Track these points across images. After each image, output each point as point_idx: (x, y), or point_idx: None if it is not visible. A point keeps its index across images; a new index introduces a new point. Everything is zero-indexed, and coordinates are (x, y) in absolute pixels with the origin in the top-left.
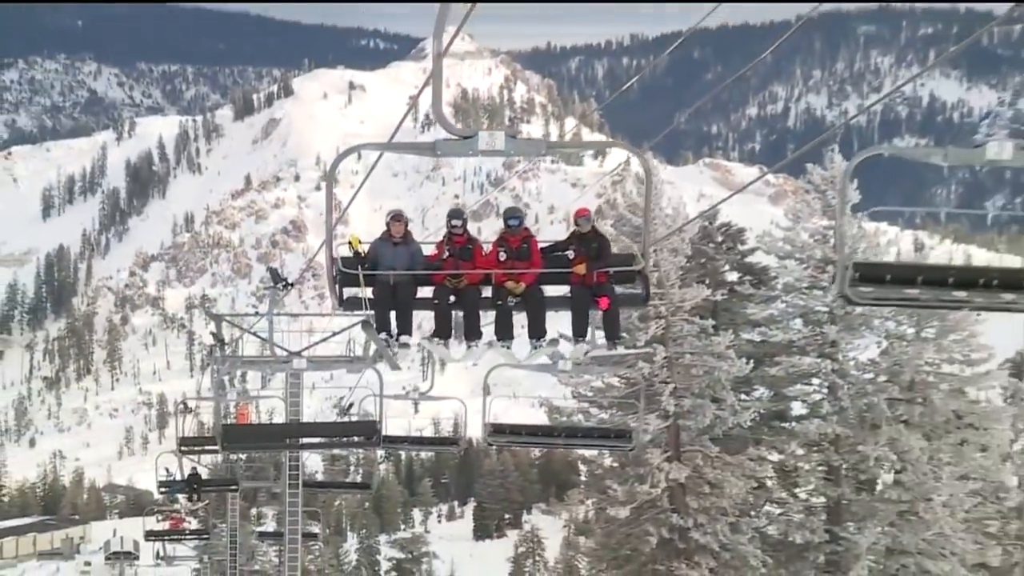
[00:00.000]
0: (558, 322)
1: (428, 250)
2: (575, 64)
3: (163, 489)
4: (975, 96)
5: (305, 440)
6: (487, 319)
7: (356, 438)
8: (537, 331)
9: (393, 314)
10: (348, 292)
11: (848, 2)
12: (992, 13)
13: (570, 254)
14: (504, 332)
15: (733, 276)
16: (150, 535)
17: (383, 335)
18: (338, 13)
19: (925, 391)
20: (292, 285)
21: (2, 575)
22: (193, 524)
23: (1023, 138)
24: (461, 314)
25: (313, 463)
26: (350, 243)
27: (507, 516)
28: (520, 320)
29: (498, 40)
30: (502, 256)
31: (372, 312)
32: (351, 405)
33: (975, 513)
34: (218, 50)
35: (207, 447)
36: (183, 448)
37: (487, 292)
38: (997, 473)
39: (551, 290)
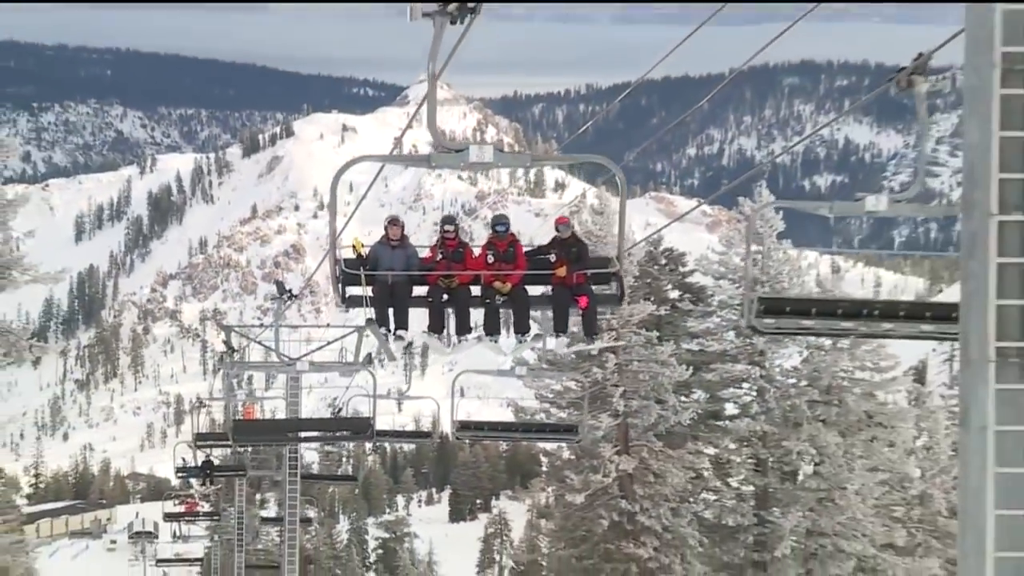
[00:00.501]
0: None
1: (423, 253)
2: (538, 110)
3: (180, 474)
4: (884, 139)
5: (309, 434)
6: (476, 316)
7: (352, 432)
8: (522, 327)
9: (391, 311)
10: (350, 291)
11: (839, 1)
12: (898, 67)
13: (552, 257)
14: (492, 328)
15: (675, 294)
16: (168, 517)
17: (382, 330)
18: (333, 64)
19: (840, 394)
20: (296, 296)
21: (38, 552)
22: (206, 507)
23: (927, 176)
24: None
25: (309, 456)
26: (353, 246)
27: (478, 501)
28: (499, 315)
29: (471, 89)
30: (490, 259)
31: (372, 309)
32: (340, 409)
33: (883, 500)
34: (228, 96)
35: (218, 442)
36: (198, 443)
37: (477, 291)
38: (902, 465)
39: (534, 290)
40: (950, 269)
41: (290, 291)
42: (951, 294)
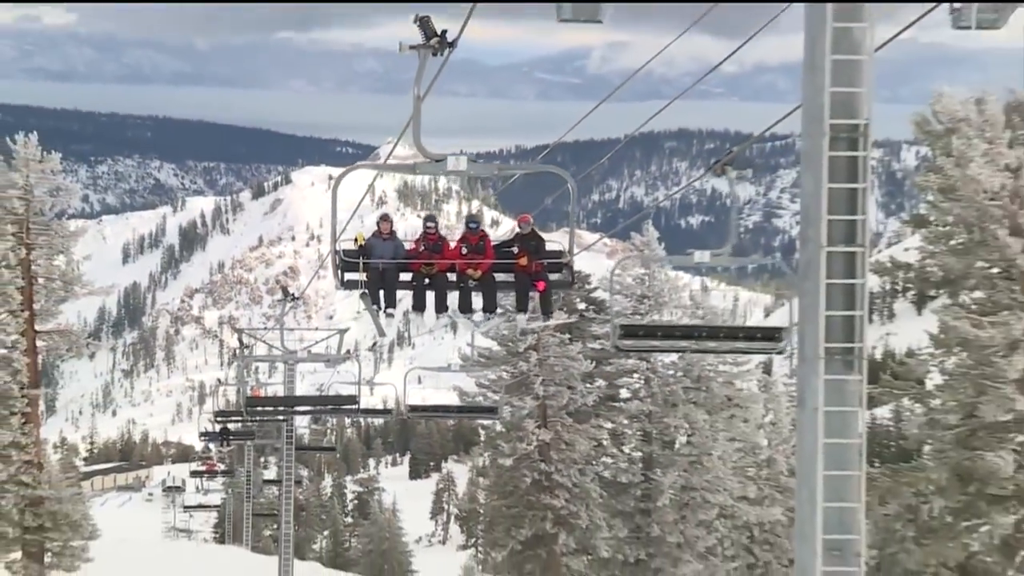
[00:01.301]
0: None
1: (409, 245)
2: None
3: (203, 437)
4: (741, 189)
5: (310, 407)
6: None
7: (338, 406)
8: (490, 307)
9: (382, 292)
10: (348, 276)
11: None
12: (753, 134)
13: (515, 249)
14: (465, 307)
15: (582, 306)
16: (193, 474)
17: (374, 307)
18: (321, 129)
19: (707, 382)
20: (297, 298)
21: (92, 502)
22: (222, 468)
23: (773, 217)
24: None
25: (300, 431)
26: (356, 239)
27: (432, 463)
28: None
29: (428, 148)
30: (464, 250)
31: (366, 290)
32: (324, 393)
33: (739, 463)
34: (241, 153)
35: (231, 417)
36: (217, 417)
37: (453, 277)
38: (754, 437)
39: (500, 276)
40: (790, 288)
41: (293, 295)
42: (792, 307)
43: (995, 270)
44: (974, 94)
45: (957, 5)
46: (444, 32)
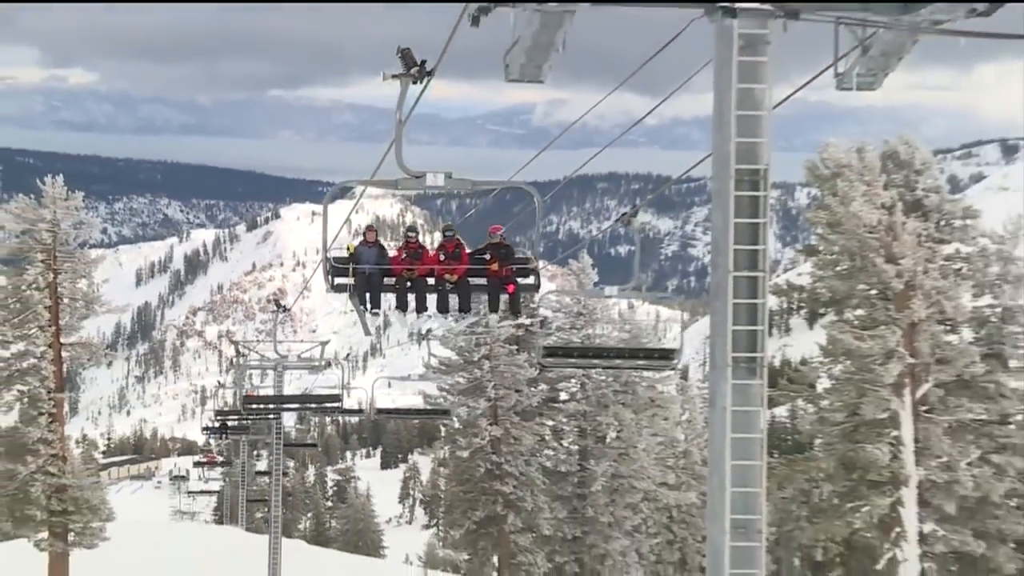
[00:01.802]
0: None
1: (392, 252)
2: (440, 202)
3: (205, 432)
4: (663, 223)
5: (299, 405)
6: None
7: (321, 404)
8: (465, 307)
9: (368, 295)
10: (337, 280)
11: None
12: (671, 177)
13: (487, 256)
14: (442, 308)
15: (527, 321)
16: (196, 465)
17: (361, 307)
18: (306, 172)
19: (634, 386)
20: (288, 310)
21: (108, 489)
22: (221, 459)
23: (688, 247)
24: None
25: (287, 428)
26: (347, 248)
27: (400, 455)
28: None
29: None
30: (441, 256)
31: (355, 292)
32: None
33: (661, 455)
34: (238, 192)
35: (229, 416)
36: (218, 417)
37: (432, 281)
38: (673, 432)
39: (475, 280)
40: (703, 306)
41: (284, 306)
42: (704, 323)
43: (873, 292)
44: (855, 144)
45: (841, 70)
46: (424, 62)
